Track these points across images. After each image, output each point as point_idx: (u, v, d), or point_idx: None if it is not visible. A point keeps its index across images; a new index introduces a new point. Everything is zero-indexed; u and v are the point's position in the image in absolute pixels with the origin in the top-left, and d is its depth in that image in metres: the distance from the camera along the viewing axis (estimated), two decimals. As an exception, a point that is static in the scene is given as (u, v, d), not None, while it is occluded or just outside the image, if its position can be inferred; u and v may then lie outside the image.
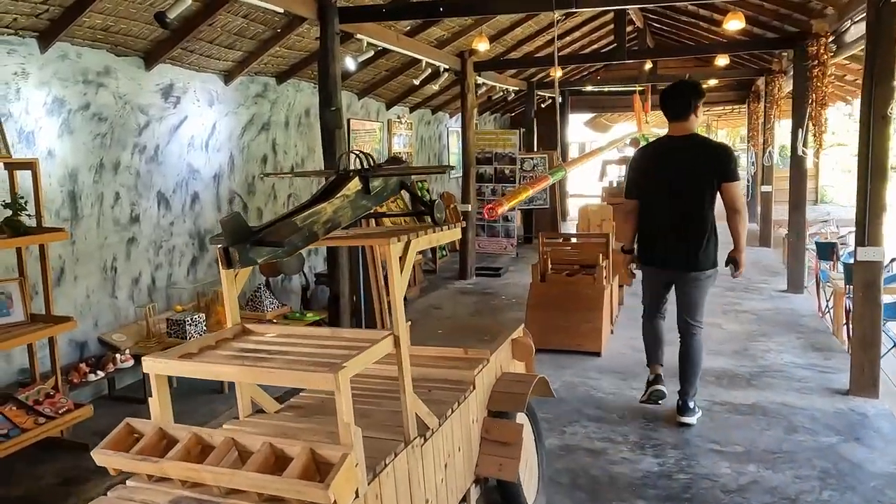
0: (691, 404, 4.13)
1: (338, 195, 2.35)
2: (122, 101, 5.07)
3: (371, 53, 6.35)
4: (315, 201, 2.31)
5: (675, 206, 3.93)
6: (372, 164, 2.55)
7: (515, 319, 6.57)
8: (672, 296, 4.25)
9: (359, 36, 6.18)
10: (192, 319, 4.85)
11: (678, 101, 3.95)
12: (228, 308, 2.47)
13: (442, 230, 2.62)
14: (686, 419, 4.10)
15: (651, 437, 4.00)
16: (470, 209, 9.00)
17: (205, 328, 4.97)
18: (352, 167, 2.60)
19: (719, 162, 3.90)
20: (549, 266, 6.02)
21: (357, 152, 2.55)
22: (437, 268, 9.65)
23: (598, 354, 5.51)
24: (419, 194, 2.86)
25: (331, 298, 5.83)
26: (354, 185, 2.44)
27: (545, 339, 5.64)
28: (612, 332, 6.12)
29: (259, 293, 5.71)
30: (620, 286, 7.06)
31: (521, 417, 3.05)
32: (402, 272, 2.31)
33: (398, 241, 2.28)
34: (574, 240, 6.55)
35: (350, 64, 6.35)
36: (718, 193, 3.89)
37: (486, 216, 3.45)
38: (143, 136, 5.30)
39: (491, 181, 9.79)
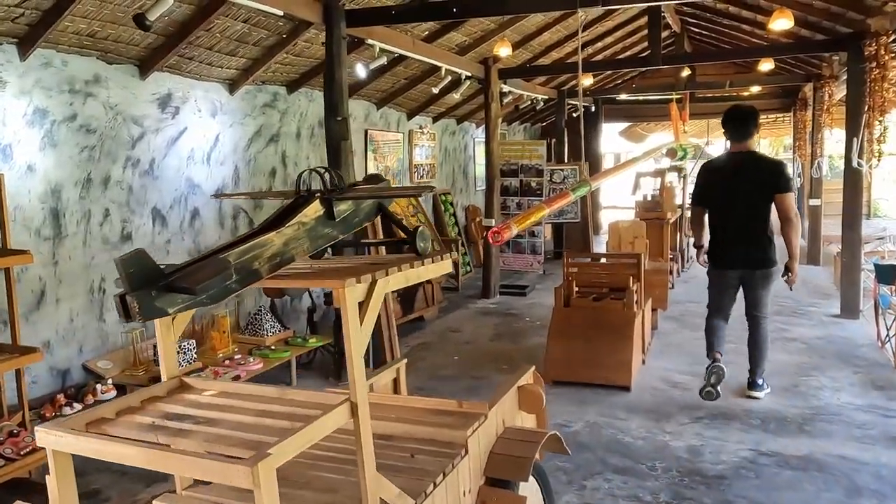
0: (760, 381, 4.78)
1: (291, 222, 1.91)
2: (113, 112, 4.76)
3: (384, 60, 5.95)
4: (260, 231, 1.88)
5: (738, 214, 4.50)
6: (338, 183, 2.11)
7: (538, 346, 6.07)
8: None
9: (370, 41, 5.78)
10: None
11: (741, 125, 4.53)
12: (164, 358, 2.05)
13: (424, 264, 2.14)
14: (755, 393, 4.76)
15: (686, 496, 3.45)
16: (494, 223, 8.52)
17: (195, 356, 4.59)
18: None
19: (774, 175, 4.44)
20: (575, 289, 5.50)
21: (321, 169, 2.11)
22: (459, 285, 9.18)
23: (626, 389, 4.96)
24: (398, 218, 2.39)
25: (336, 323, 5.42)
26: (314, 209, 2.00)
27: (568, 371, 5.14)
28: (643, 362, 5.56)
29: (259, 316, 5.33)
30: (654, 310, 6.49)
31: (528, 483, 2.55)
32: (363, 320, 1.85)
33: (357, 283, 1.82)
34: (602, 260, 6.01)
35: (361, 71, 5.96)
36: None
37: (491, 242, 2.96)
38: (137, 148, 4.98)
39: (517, 194, 9.29)
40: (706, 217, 4.79)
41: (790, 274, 4.48)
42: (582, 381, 5.06)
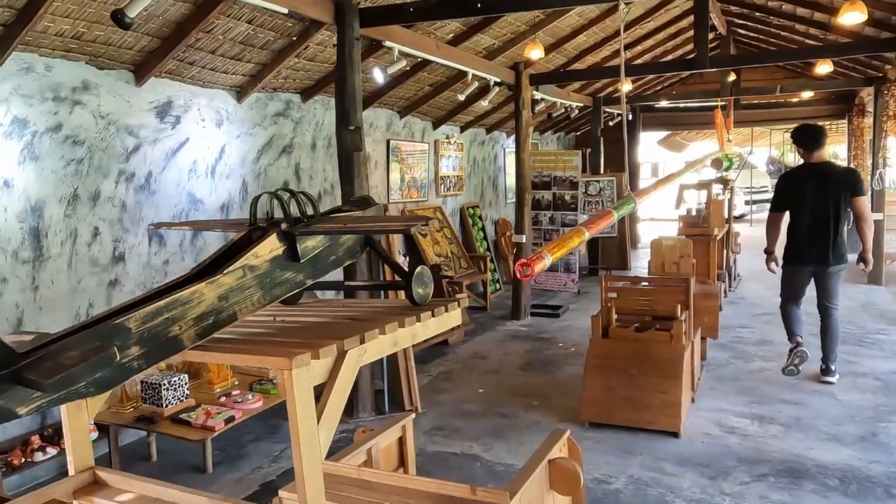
0: (833, 367, 5.29)
1: (233, 267, 1.39)
2: (104, 122, 4.34)
3: (403, 64, 5.46)
4: (187, 281, 1.36)
5: (815, 217, 5.06)
6: (308, 210, 1.58)
7: (572, 378, 5.47)
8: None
9: (388, 44, 5.29)
10: (169, 382, 4.00)
11: (816, 139, 5.15)
12: (72, 445, 1.54)
13: (421, 319, 1.60)
14: (829, 378, 5.27)
15: (755, 584, 2.83)
16: (525, 240, 7.95)
17: (186, 393, 4.11)
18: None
19: (850, 181, 5.07)
20: (614, 317, 4.89)
21: (283, 192, 1.59)
22: (488, 304, 8.61)
23: (675, 435, 4.32)
24: (405, 251, 1.86)
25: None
26: (270, 247, 1.48)
27: (607, 412, 4.54)
28: (692, 400, 4.91)
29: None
30: (703, 338, 5.82)
31: None
32: (323, 413, 1.31)
33: (313, 359, 1.28)
34: (645, 283, 5.39)
35: (379, 76, 5.47)
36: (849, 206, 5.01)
37: (519, 276, 2.41)
38: (132, 161, 4.56)
39: (549, 208, 8.69)
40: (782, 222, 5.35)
41: (865, 262, 5.16)
42: (623, 424, 4.45)
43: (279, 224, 1.52)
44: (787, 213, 5.21)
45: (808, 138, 5.15)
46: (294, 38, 5.05)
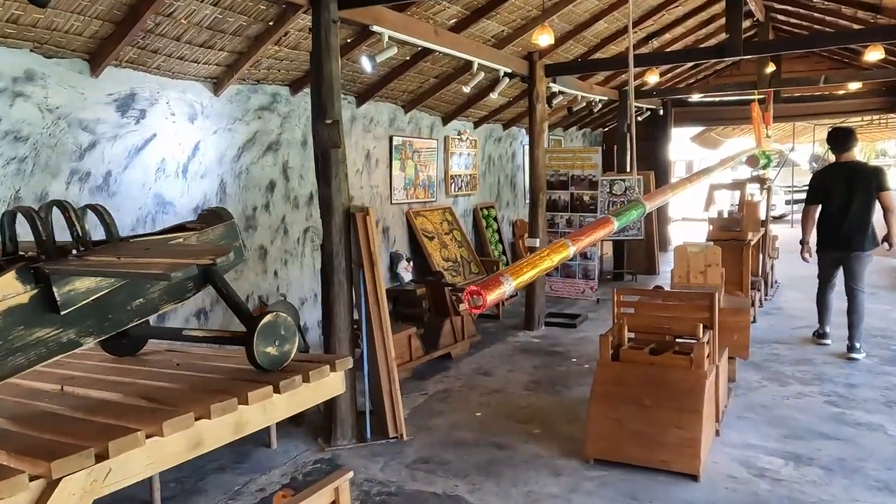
0: (858, 345, 5.80)
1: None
2: (53, 116, 3.92)
3: (394, 51, 4.93)
4: None
5: (846, 208, 5.70)
6: (83, 236, 1.06)
7: (582, 400, 4.88)
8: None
9: (376, 28, 4.77)
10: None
11: (845, 141, 5.89)
12: None
13: (279, 390, 1.06)
14: (855, 355, 5.76)
15: None
16: (538, 244, 7.35)
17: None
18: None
19: (874, 179, 5.73)
20: (627, 336, 4.29)
21: (27, 211, 1.06)
22: (500, 313, 8.04)
23: (694, 478, 3.71)
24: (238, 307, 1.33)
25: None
26: (6, 290, 0.96)
27: (615, 448, 3.95)
28: (716, 433, 4.28)
29: (233, 362, 4.37)
30: (731, 358, 5.17)
31: None
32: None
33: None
34: (664, 297, 4.76)
35: (366, 65, 4.95)
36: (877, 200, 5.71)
37: (468, 307, 1.86)
38: (87, 160, 4.14)
39: (566, 209, 8.06)
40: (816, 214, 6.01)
41: (891, 244, 5.75)
42: (633, 462, 3.85)
43: (25, 259, 1.02)
44: (820, 206, 5.93)
45: (837, 140, 5.94)
46: (270, 23, 4.57)
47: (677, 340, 4.27)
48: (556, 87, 7.87)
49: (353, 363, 4.45)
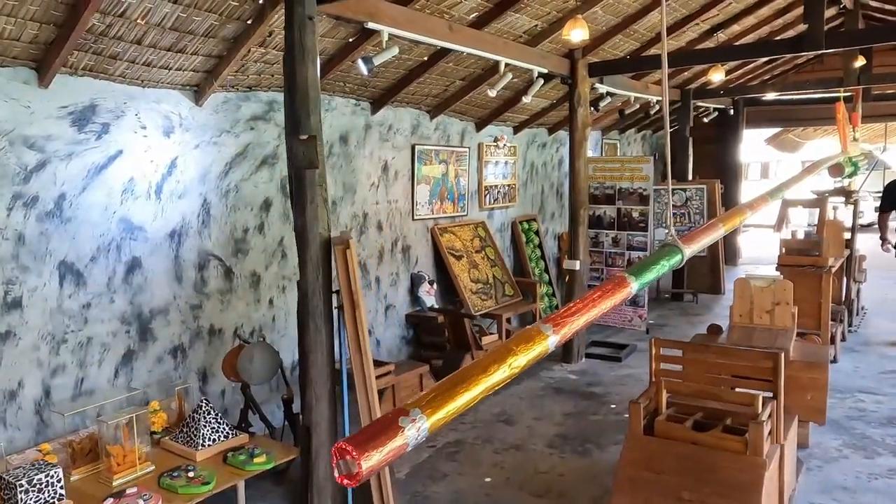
0: None
1: None
2: (-10, 133, 3.42)
3: (394, 52, 4.23)
4: None
5: None
6: None
7: (615, 464, 4.06)
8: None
9: (372, 25, 4.08)
10: (30, 483, 3.00)
11: None
12: None
13: None
14: None
15: None
16: (578, 267, 6.51)
17: (59, 491, 3.10)
18: None
19: None
20: (664, 401, 3.45)
21: None
22: (537, 340, 7.22)
23: None
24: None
25: (303, 432, 3.76)
26: None
27: (643, 553, 3.12)
28: (781, 529, 3.38)
29: (198, 414, 3.78)
30: (803, 422, 4.22)
31: None
32: None
33: None
34: (716, 353, 3.85)
35: (362, 68, 4.27)
36: None
37: (339, 478, 1.14)
38: (34, 182, 3.63)
39: (612, 227, 7.15)
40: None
41: None
42: (666, 574, 3.02)
43: None
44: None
45: None
46: (249, 22, 3.95)
47: (728, 412, 3.40)
48: (603, 88, 6.99)
49: (335, 421, 3.79)
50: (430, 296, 6.41)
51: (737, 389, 3.43)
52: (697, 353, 3.69)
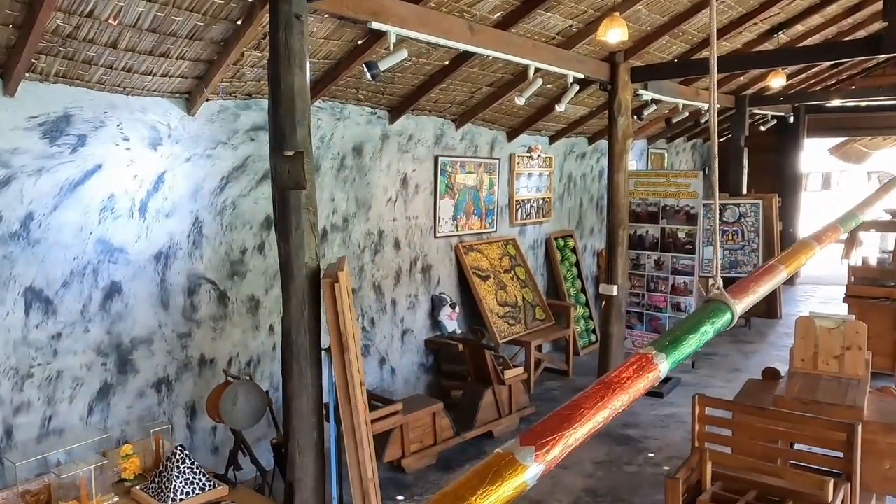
0: None
1: None
2: (-55, 147, 3.07)
3: (403, 55, 3.75)
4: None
5: None
6: None
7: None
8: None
9: (377, 26, 3.61)
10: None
11: None
12: None
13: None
14: None
15: None
16: (615, 292, 5.90)
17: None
18: None
19: None
20: (709, 477, 2.86)
21: None
22: (570, 369, 6.64)
23: None
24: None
25: (286, 485, 3.30)
26: None
27: None
28: None
29: (171, 462, 3.35)
30: (880, 497, 3.53)
31: None
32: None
33: None
34: (772, 417, 3.22)
35: (367, 73, 3.79)
36: None
37: None
38: (-3, 200, 3.27)
39: (655, 248, 6.49)
40: None
41: None
42: None
43: None
44: None
45: None
46: (238, 23, 3.53)
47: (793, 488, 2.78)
48: (647, 95, 6.36)
49: (322, 478, 3.31)
50: (451, 320, 5.90)
51: (797, 462, 2.82)
52: (750, 415, 3.07)
